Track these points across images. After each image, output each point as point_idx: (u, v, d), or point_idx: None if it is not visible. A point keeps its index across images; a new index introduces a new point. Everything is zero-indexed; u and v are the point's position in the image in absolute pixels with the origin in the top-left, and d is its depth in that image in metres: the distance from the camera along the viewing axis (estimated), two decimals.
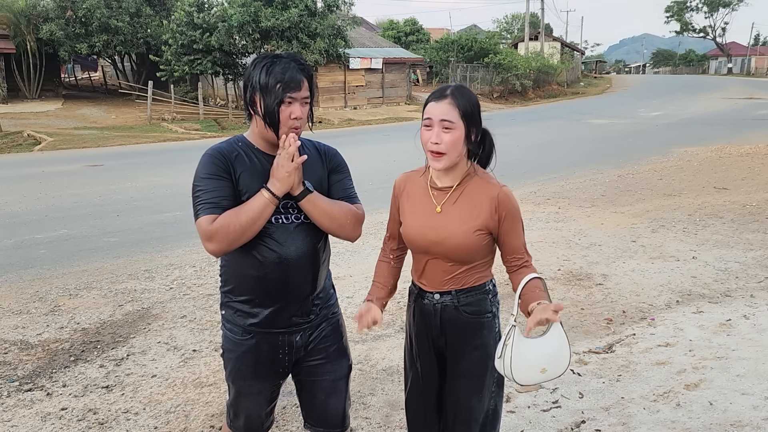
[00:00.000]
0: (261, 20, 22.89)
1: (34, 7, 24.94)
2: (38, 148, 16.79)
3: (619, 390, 3.48)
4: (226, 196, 1.94)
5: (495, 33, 53.96)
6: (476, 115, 2.05)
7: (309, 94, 1.99)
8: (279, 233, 1.99)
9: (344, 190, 2.13)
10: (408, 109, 28.82)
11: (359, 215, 2.11)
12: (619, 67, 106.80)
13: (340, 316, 2.28)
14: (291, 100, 1.94)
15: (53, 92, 27.04)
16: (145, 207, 8.74)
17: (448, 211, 2.08)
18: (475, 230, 2.05)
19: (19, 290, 5.42)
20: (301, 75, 1.94)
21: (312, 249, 2.05)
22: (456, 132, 2.00)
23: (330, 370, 2.20)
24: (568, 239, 6.73)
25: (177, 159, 14.09)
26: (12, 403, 3.48)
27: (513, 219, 2.07)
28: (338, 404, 2.24)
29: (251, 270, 2.02)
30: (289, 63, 1.95)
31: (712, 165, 11.68)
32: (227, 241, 1.91)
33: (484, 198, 2.06)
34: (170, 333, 4.44)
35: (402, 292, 2.40)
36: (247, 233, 1.92)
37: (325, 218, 2.01)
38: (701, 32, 77.42)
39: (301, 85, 1.94)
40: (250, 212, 1.91)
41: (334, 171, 2.14)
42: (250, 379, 2.14)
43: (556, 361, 1.98)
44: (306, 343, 2.15)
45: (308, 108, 2.00)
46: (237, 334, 2.11)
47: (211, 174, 1.96)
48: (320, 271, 2.12)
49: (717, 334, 4.21)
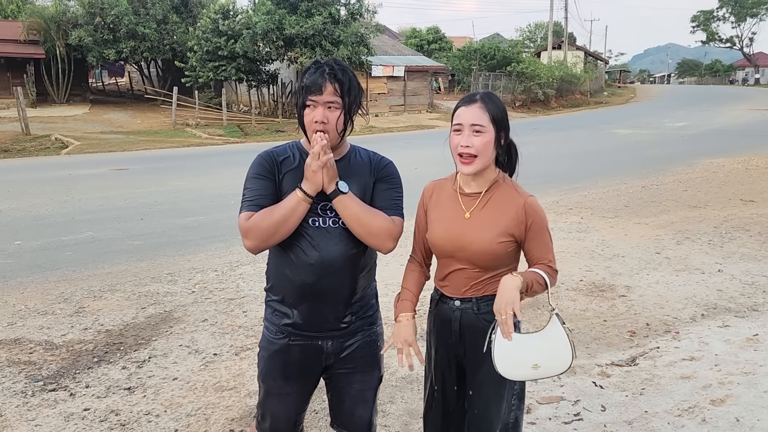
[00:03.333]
0: (285, 28, 23.12)
1: (64, 14, 25.50)
2: (66, 152, 17.10)
3: (643, 404, 3.43)
4: (266, 195, 2.00)
5: (518, 42, 53.73)
6: (505, 121, 2.07)
7: (337, 99, 1.97)
8: (314, 235, 2.01)
9: (386, 200, 2.10)
10: (429, 117, 28.83)
11: (392, 228, 2.05)
12: (643, 76, 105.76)
13: (378, 328, 2.25)
14: (313, 104, 1.96)
15: (81, 97, 27.56)
16: (169, 211, 8.84)
17: (476, 217, 2.08)
18: (500, 237, 2.05)
19: (45, 291, 5.51)
20: (325, 79, 1.94)
21: (347, 254, 2.04)
22: (486, 136, 2.02)
23: (360, 380, 2.19)
24: (591, 250, 6.66)
25: (200, 164, 14.26)
26: (36, 402, 3.53)
27: (539, 228, 2.07)
28: (365, 413, 2.24)
29: (286, 270, 2.05)
30: (321, 67, 1.97)
31: (738, 177, 11.49)
32: (261, 238, 1.96)
33: (510, 206, 2.06)
34: (192, 336, 4.47)
35: (423, 300, 2.39)
36: (281, 231, 1.95)
37: (355, 222, 2.00)
38: (728, 42, 76.34)
39: (323, 89, 1.94)
40: (282, 210, 1.95)
41: (381, 180, 2.12)
42: (279, 380, 2.15)
43: (552, 359, 1.98)
44: (338, 351, 2.13)
45: (338, 113, 1.98)
46: (272, 333, 2.14)
47: (256, 174, 2.04)
48: (357, 279, 2.10)
49: (744, 348, 4.12)
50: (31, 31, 25.33)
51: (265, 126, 23.54)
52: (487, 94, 2.08)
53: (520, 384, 2.13)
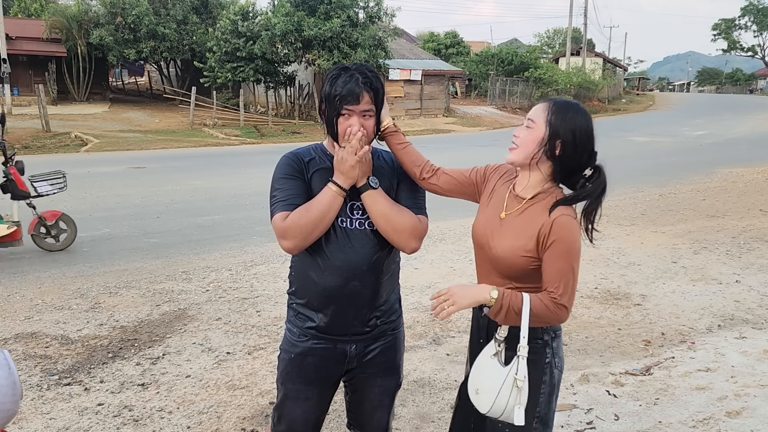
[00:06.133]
0: (304, 29, 23.22)
1: (85, 13, 25.82)
2: (85, 149, 17.29)
3: (657, 414, 3.39)
4: (299, 194, 2.00)
5: (536, 47, 53.58)
6: (565, 131, 1.90)
7: (372, 107, 1.98)
8: (341, 237, 2.00)
9: (411, 199, 2.10)
10: (446, 122, 28.79)
11: (419, 226, 2.03)
12: (662, 84, 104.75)
13: (400, 333, 2.23)
14: (348, 113, 1.95)
15: (101, 95, 27.89)
16: (185, 210, 8.90)
17: (509, 221, 1.98)
18: (522, 251, 1.91)
19: (61, 286, 5.57)
20: (362, 88, 1.93)
21: (373, 257, 2.02)
22: (534, 132, 1.93)
23: (379, 384, 2.19)
24: (606, 257, 6.60)
25: (217, 164, 14.36)
26: (51, 396, 3.57)
27: (559, 251, 1.86)
28: (383, 417, 2.25)
29: (312, 272, 2.04)
30: (353, 75, 1.95)
31: (758, 187, 11.35)
32: (301, 236, 1.94)
33: (540, 221, 1.91)
34: (205, 334, 4.50)
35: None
36: (320, 227, 1.95)
37: (382, 219, 1.98)
38: (749, 51, 75.50)
39: (359, 99, 1.94)
40: (319, 205, 1.95)
41: (404, 180, 2.13)
42: (299, 383, 2.13)
43: (483, 391, 1.88)
44: (361, 355, 2.12)
45: (373, 120, 2.00)
46: (294, 336, 2.13)
47: (286, 174, 2.03)
48: (382, 282, 2.08)
49: (761, 360, 4.07)
50: (53, 30, 25.68)
51: (281, 127, 23.64)
52: (566, 102, 1.95)
53: (543, 407, 2.00)
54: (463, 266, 6.23)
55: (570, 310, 1.89)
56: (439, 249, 6.93)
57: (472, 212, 2.17)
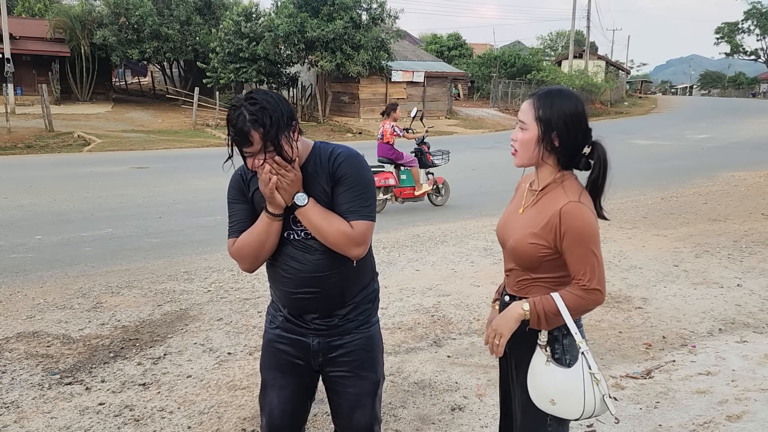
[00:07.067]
0: (307, 31, 23.26)
1: (89, 13, 25.91)
2: (87, 149, 17.33)
3: (657, 417, 3.39)
4: (243, 219, 2.08)
5: (538, 50, 53.57)
6: (555, 122, 1.93)
7: (268, 143, 1.84)
8: (291, 248, 2.05)
9: (347, 203, 1.98)
10: (448, 123, 28.81)
11: (350, 234, 1.95)
12: (665, 87, 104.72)
13: (373, 332, 2.21)
14: (249, 154, 1.91)
15: (104, 95, 27.96)
16: (187, 210, 8.92)
17: (525, 214, 2.02)
18: (530, 239, 1.94)
19: (63, 286, 5.59)
20: (249, 128, 1.82)
21: (320, 264, 2.03)
22: (527, 133, 1.97)
23: (354, 384, 2.17)
24: (608, 260, 6.60)
25: (219, 164, 14.17)
26: (52, 395, 3.58)
27: (574, 239, 1.87)
28: (362, 418, 2.20)
29: (273, 277, 2.15)
30: (241, 114, 1.84)
31: (760, 190, 11.34)
32: (250, 260, 2.06)
33: (550, 209, 1.92)
34: (206, 335, 4.51)
35: (436, 305, 2.39)
36: (264, 250, 2.04)
37: (315, 233, 1.98)
38: (752, 55, 75.41)
39: (251, 139, 1.83)
40: (257, 234, 2.02)
41: (338, 183, 1.99)
42: (273, 370, 2.20)
43: (566, 401, 1.88)
44: (326, 350, 2.13)
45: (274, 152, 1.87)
46: (268, 323, 2.24)
47: (231, 198, 2.13)
48: (339, 284, 2.07)
49: (762, 365, 4.06)
50: (57, 30, 25.77)
51: None
52: (547, 92, 1.97)
53: None
54: (464, 268, 6.23)
55: (604, 291, 1.93)
56: (441, 251, 6.93)
57: (473, 214, 2.18)
